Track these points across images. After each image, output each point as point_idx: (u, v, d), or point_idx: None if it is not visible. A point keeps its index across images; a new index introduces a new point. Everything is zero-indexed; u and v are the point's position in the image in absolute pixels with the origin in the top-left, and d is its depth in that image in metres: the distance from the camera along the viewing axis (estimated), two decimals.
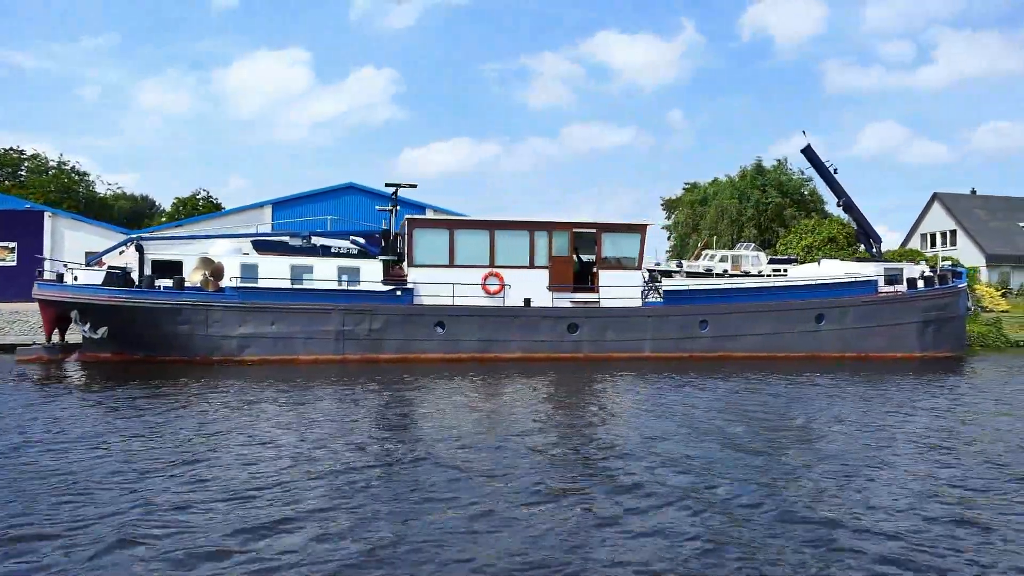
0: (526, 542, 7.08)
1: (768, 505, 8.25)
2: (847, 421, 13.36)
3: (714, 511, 8.03)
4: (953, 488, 8.96)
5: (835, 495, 8.69)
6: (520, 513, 7.92)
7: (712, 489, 8.86)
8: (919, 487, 9.03)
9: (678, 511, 8.02)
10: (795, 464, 10.14)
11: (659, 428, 12.65)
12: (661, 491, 8.73)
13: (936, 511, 8.08)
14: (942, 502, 8.42)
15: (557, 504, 8.25)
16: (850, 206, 29.69)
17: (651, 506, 8.19)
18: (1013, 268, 49.04)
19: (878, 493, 8.78)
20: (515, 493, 8.64)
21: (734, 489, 8.87)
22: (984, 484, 9.19)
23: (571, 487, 8.94)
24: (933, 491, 8.87)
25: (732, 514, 7.95)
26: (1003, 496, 8.67)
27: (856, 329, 25.41)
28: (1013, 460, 10.38)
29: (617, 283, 24.55)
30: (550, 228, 24.64)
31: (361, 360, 22.70)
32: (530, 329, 23.70)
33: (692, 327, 24.51)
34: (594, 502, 8.36)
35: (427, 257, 23.96)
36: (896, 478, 9.46)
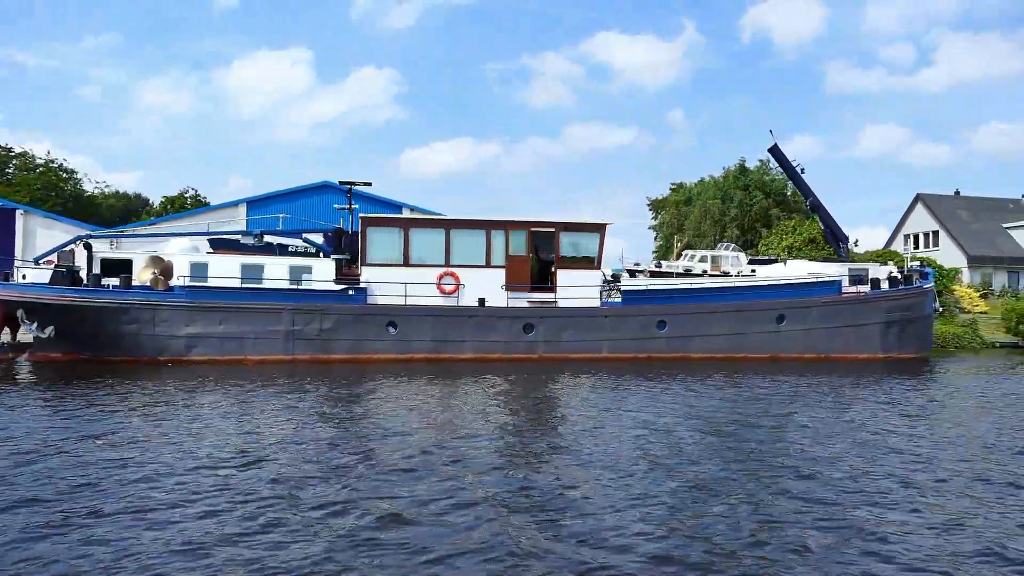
0: (474, 546, 6.83)
1: (717, 507, 8.06)
2: (787, 422, 13.05)
3: (667, 514, 7.83)
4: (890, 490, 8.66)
5: (789, 495, 8.53)
6: (466, 516, 7.67)
7: (664, 492, 8.64)
8: (851, 485, 8.74)
9: (628, 512, 7.82)
10: (741, 467, 9.87)
11: (609, 428, 12.40)
12: (611, 493, 8.51)
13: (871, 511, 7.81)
14: (880, 503, 8.13)
15: (503, 507, 7.97)
16: (817, 206, 29.37)
17: (601, 508, 7.94)
18: (995, 269, 48.69)
19: (828, 493, 8.66)
20: (462, 496, 8.39)
21: (684, 490, 8.69)
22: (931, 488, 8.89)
23: (518, 491, 8.65)
24: (876, 491, 8.61)
25: (682, 517, 7.75)
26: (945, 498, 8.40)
27: (818, 330, 25.09)
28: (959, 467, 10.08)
29: (576, 283, 24.24)
30: (507, 227, 24.33)
31: (311, 361, 22.39)
32: (485, 329, 23.39)
33: (650, 327, 24.19)
34: (542, 505, 8.08)
35: (381, 256, 23.66)
36: (836, 476, 9.26)
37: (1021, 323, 37.79)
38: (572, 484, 8.92)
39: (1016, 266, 48.95)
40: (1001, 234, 50.77)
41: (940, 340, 36.21)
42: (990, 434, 12.28)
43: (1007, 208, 53.35)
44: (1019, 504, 8.25)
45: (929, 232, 52.23)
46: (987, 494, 8.63)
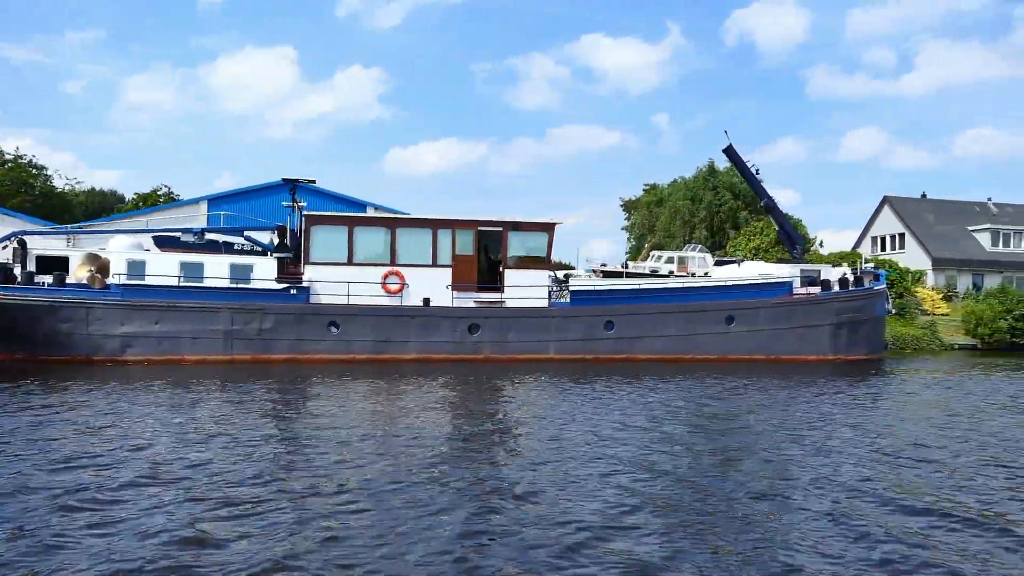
0: (412, 551, 6.57)
1: (660, 510, 7.86)
2: (723, 423, 12.85)
3: (608, 516, 7.59)
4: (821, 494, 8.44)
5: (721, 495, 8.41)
6: (409, 521, 7.38)
7: (611, 492, 8.43)
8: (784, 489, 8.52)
9: (573, 514, 7.61)
10: (685, 468, 9.73)
11: (551, 430, 12.18)
12: (557, 494, 8.30)
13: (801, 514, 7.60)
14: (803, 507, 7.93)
15: (444, 513, 7.67)
16: (771, 207, 29.31)
17: (541, 516, 7.64)
18: (959, 272, 48.95)
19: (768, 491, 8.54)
20: (401, 498, 8.10)
21: (629, 491, 8.49)
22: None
23: (462, 493, 8.38)
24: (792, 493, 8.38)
25: (624, 518, 7.54)
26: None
27: (767, 331, 25.01)
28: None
29: (524, 283, 24.00)
30: (454, 226, 24.05)
31: (251, 361, 22.01)
32: (429, 329, 23.10)
33: (597, 328, 24.00)
34: (483, 510, 7.80)
35: (324, 255, 23.30)
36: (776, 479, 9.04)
37: (980, 325, 38.06)
38: (517, 486, 8.65)
39: (980, 268, 49.24)
40: (966, 237, 51.07)
41: (899, 342, 36.42)
42: (912, 435, 12.15)
43: (973, 211, 53.66)
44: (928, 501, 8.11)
45: (895, 234, 52.45)
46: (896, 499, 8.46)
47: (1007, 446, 11.50)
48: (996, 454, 10.89)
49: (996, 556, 6.73)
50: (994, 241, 50.44)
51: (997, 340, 37.36)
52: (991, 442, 11.81)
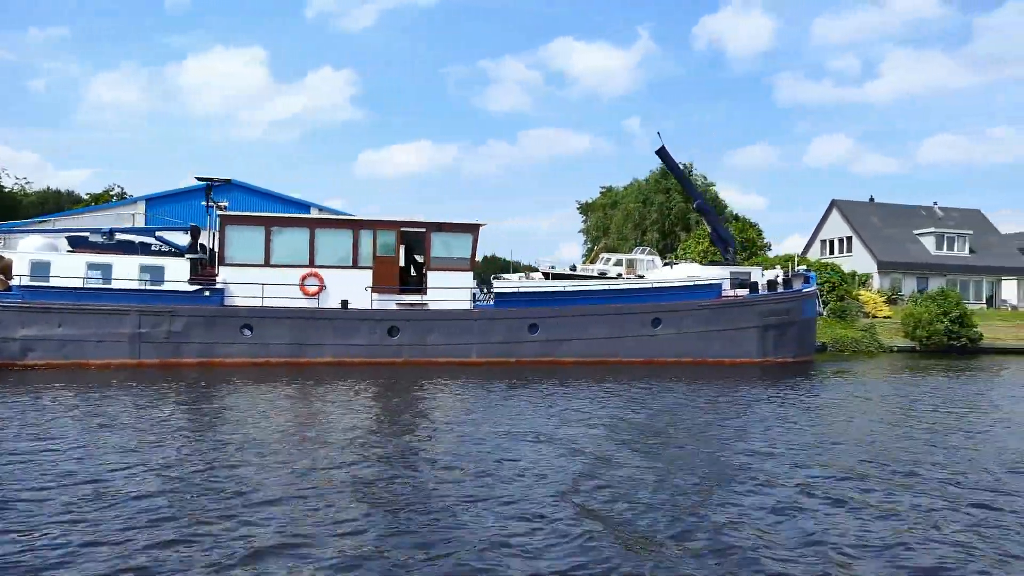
0: (318, 560, 6.34)
1: (573, 513, 7.76)
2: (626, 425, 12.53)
3: (524, 520, 7.47)
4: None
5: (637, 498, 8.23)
6: (324, 529, 7.09)
7: (529, 497, 8.27)
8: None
9: (493, 521, 7.44)
10: (607, 471, 9.55)
11: (463, 434, 11.88)
12: (464, 509, 7.96)
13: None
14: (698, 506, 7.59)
15: (353, 520, 7.38)
16: (703, 209, 29.24)
17: (465, 519, 7.41)
18: (904, 275, 49.51)
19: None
20: (319, 506, 7.80)
21: (551, 495, 8.36)
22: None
23: (379, 500, 8.09)
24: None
25: (552, 522, 7.44)
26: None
27: (694, 333, 24.85)
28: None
29: (447, 285, 23.59)
30: (375, 227, 23.57)
31: (159, 365, 21.31)
32: (346, 332, 22.58)
33: (521, 331, 23.66)
34: (406, 515, 7.59)
35: (240, 256, 22.70)
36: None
37: (918, 328, 38.41)
38: (435, 492, 8.43)
39: (925, 272, 49.86)
40: (912, 240, 51.69)
41: (839, 344, 36.63)
42: (809, 437, 11.94)
43: (919, 215, 54.36)
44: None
45: (843, 238, 52.94)
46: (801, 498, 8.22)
47: (902, 447, 11.42)
48: (898, 455, 10.91)
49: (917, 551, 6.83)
50: (938, 244, 51.12)
51: (935, 342, 37.75)
52: (891, 442, 11.77)
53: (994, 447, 11.68)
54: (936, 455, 10.99)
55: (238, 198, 42.57)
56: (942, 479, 9.50)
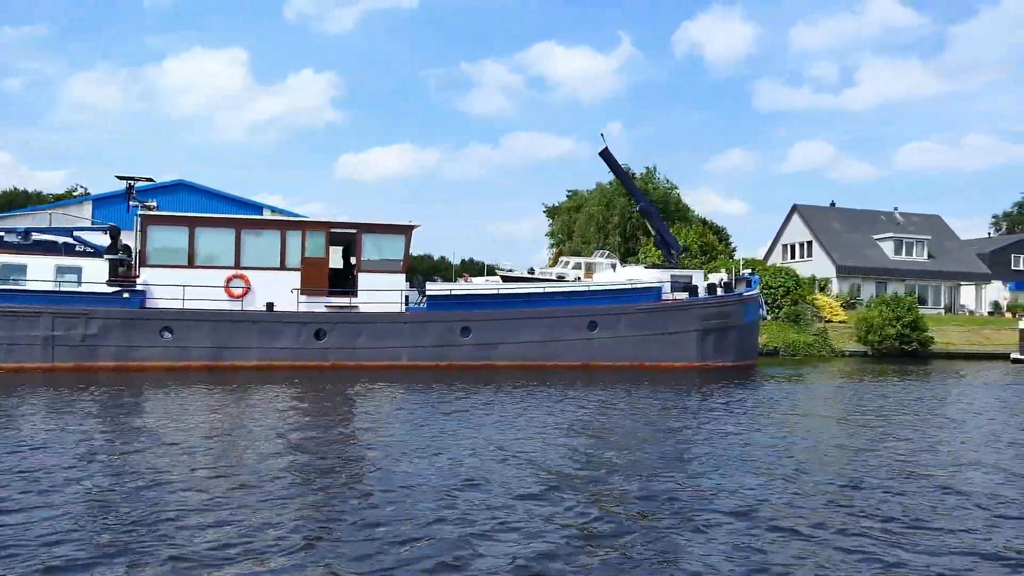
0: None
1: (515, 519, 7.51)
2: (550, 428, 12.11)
3: (463, 528, 7.20)
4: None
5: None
6: (249, 541, 6.71)
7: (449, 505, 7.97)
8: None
9: (418, 530, 7.14)
10: (510, 477, 9.21)
11: (387, 439, 11.51)
12: (405, 508, 7.77)
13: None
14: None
15: (277, 536, 6.94)
16: (647, 212, 28.98)
17: (398, 530, 7.07)
18: (863, 279, 49.61)
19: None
20: (244, 516, 7.40)
21: (469, 504, 8.03)
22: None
23: (308, 509, 7.73)
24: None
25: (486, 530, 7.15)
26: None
27: (631, 337, 24.52)
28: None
29: (378, 287, 23.11)
30: (304, 228, 23.07)
31: (73, 368, 20.63)
32: (271, 335, 22.01)
33: (453, 334, 23.21)
34: (333, 524, 7.27)
35: (162, 256, 22.09)
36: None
37: (871, 332, 38.43)
38: (363, 501, 8.05)
39: (883, 276, 50.01)
40: (871, 245, 51.84)
41: (790, 348, 36.54)
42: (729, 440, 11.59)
43: (879, 220, 54.55)
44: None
45: (804, 242, 53.02)
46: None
47: (825, 451, 11.24)
48: (819, 457, 10.86)
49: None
50: (897, 250, 51.32)
51: (887, 347, 37.77)
52: (807, 445, 11.57)
53: (893, 453, 11.39)
54: (847, 460, 10.75)
55: (187, 199, 41.90)
56: (843, 484, 9.20)
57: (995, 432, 13.75)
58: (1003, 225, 76.49)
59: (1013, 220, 76.39)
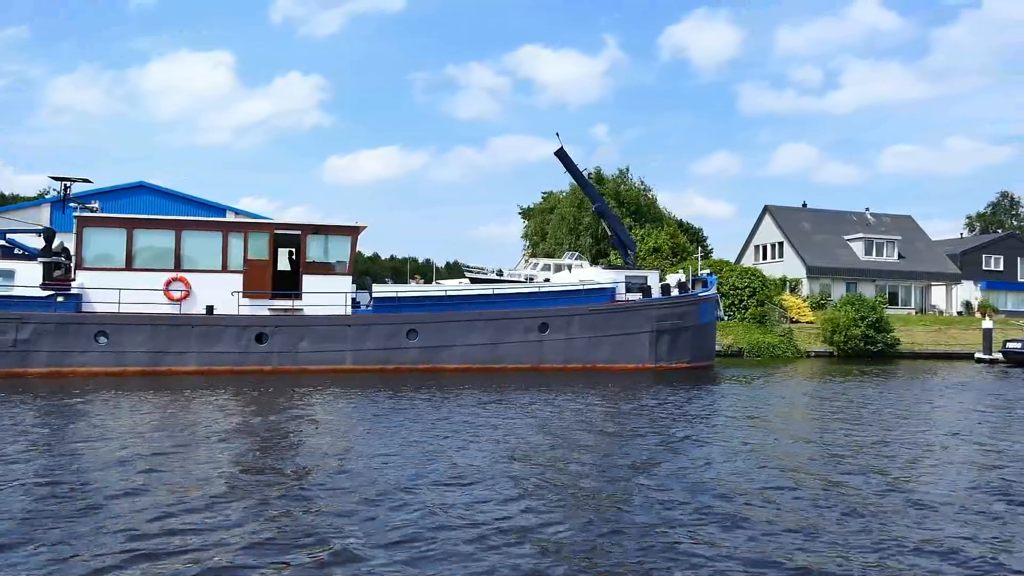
0: None
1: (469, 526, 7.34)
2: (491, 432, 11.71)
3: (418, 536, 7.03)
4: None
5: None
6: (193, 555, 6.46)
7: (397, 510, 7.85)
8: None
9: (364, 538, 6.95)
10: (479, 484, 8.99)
11: (320, 446, 11.19)
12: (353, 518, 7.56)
13: None
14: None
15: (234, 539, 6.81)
16: (603, 212, 28.69)
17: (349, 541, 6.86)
18: (833, 280, 49.57)
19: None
20: (189, 528, 7.16)
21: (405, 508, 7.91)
22: None
23: (250, 521, 7.45)
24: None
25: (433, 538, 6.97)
26: None
27: (583, 339, 24.19)
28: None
29: (323, 289, 22.67)
30: (246, 229, 22.62)
31: (3, 375, 20.06)
32: (211, 339, 21.52)
33: (399, 337, 22.80)
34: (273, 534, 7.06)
35: (99, 259, 21.58)
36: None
37: (836, 333, 38.30)
38: (305, 508, 7.84)
39: (853, 277, 49.99)
40: (842, 246, 51.83)
41: (756, 349, 36.35)
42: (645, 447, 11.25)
43: (850, 221, 54.57)
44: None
45: (775, 243, 52.96)
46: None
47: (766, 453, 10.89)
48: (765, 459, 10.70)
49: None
50: (867, 250, 51.34)
51: (852, 347, 37.66)
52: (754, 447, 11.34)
53: (827, 453, 11.11)
54: (796, 459, 10.60)
55: (148, 201, 41.27)
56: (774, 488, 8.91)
57: (934, 430, 13.51)
58: (976, 226, 76.85)
59: (987, 221, 76.77)
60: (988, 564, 6.46)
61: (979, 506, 8.34)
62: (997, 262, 56.54)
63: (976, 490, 9.12)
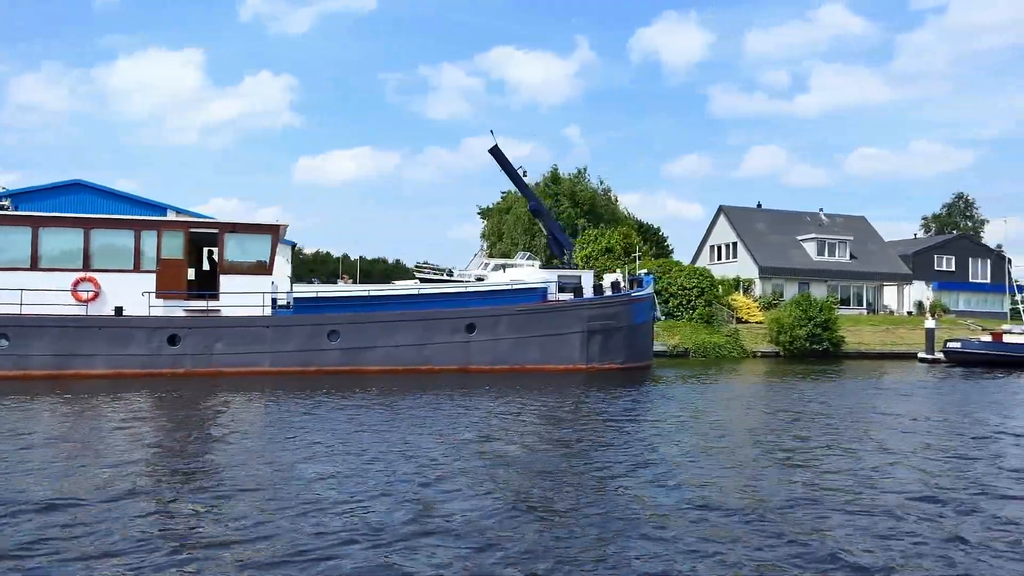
0: None
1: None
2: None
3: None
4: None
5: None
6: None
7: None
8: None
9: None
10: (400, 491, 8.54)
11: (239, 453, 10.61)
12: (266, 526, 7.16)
13: None
14: None
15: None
16: (538, 211, 28.36)
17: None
18: (786, 281, 49.72)
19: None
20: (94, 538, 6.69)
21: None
22: None
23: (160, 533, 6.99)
24: None
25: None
26: None
27: (512, 340, 23.78)
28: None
29: (242, 289, 22.01)
30: (160, 227, 21.89)
31: None
32: (120, 342, 20.78)
33: (320, 338, 22.21)
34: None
35: (2, 259, 20.73)
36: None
37: (782, 333, 38.33)
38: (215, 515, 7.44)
39: (806, 277, 50.17)
40: (795, 246, 52.02)
41: (701, 350, 36.22)
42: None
43: (804, 221, 54.81)
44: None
45: (729, 243, 53.01)
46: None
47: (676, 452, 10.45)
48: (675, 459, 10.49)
49: None
50: (819, 250, 51.58)
51: (797, 347, 37.69)
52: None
53: (740, 453, 10.75)
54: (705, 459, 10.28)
55: (83, 200, 40.13)
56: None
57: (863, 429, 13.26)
58: (932, 227, 77.82)
59: (942, 222, 77.75)
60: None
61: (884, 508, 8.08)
62: (949, 262, 57.14)
63: (878, 491, 8.82)
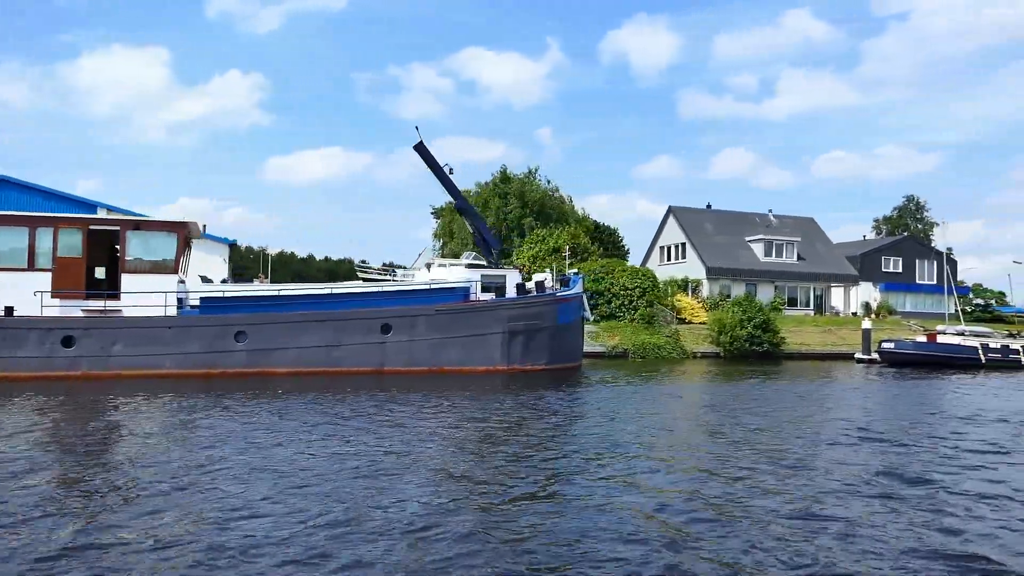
0: None
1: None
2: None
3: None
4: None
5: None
6: None
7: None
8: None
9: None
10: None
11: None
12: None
13: None
14: None
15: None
16: (464, 210, 27.88)
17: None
18: (733, 281, 49.80)
19: None
20: None
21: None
22: None
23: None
24: None
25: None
26: None
27: (429, 340, 23.22)
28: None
29: (145, 289, 21.19)
30: (57, 224, 20.98)
31: None
32: (10, 344, 19.85)
33: (226, 339, 21.46)
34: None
35: None
36: None
37: (723, 333, 38.26)
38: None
39: (753, 278, 50.31)
40: (743, 247, 52.15)
41: (641, 350, 35.97)
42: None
43: (752, 222, 55.01)
44: None
45: (679, 244, 53.00)
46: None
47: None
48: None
49: None
50: (767, 251, 51.77)
51: (737, 348, 37.65)
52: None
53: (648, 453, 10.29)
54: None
55: (11, 196, 38.81)
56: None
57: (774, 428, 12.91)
58: (883, 228, 78.80)
59: (893, 224, 78.77)
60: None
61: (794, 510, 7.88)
62: (896, 264, 57.76)
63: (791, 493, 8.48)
